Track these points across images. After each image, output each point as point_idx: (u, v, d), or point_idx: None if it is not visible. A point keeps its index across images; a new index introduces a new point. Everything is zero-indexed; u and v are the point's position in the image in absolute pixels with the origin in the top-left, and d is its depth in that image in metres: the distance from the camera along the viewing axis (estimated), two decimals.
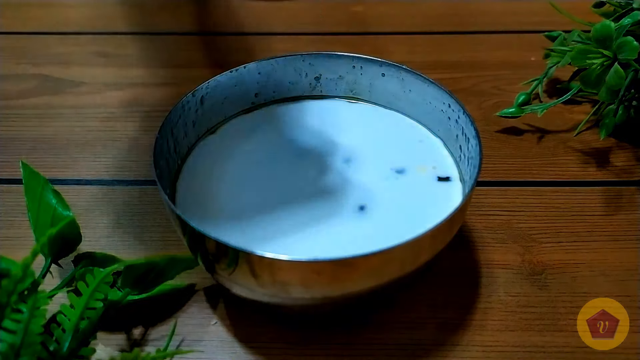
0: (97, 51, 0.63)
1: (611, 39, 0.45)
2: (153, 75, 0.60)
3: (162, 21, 0.68)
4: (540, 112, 0.52)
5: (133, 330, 0.40)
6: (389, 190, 0.41)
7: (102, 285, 0.36)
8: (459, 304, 0.41)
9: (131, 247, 0.45)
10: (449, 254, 0.43)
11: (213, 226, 0.39)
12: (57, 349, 0.34)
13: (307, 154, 0.44)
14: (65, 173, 0.50)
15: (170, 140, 0.41)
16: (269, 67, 0.46)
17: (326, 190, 0.41)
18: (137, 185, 0.49)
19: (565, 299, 0.41)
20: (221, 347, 0.39)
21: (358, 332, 0.40)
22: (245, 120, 0.46)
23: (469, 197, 0.37)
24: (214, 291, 0.42)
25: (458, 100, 0.42)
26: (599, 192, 0.48)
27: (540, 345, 0.39)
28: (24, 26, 0.67)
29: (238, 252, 0.34)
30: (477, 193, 0.47)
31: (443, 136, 0.44)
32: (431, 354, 0.39)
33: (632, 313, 0.40)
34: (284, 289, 0.35)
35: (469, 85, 0.58)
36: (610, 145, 0.52)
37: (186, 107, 0.43)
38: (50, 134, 0.54)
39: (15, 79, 0.60)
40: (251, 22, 0.67)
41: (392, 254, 0.34)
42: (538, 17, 0.65)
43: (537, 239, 0.45)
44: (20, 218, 0.45)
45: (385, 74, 0.45)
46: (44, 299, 0.34)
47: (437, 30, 0.66)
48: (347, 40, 0.65)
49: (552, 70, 0.53)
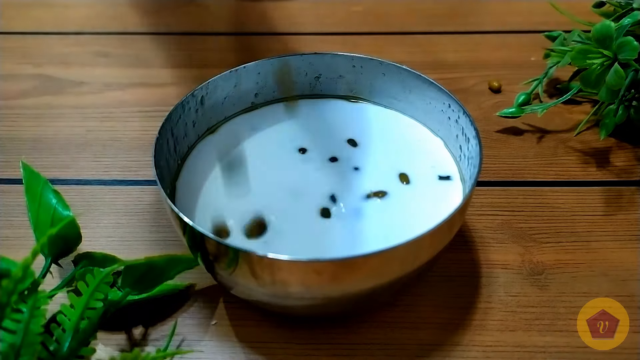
0: (97, 51, 0.63)
1: (611, 39, 0.45)
2: (153, 75, 0.60)
3: (162, 21, 0.68)
4: (540, 112, 0.52)
5: (133, 330, 0.40)
6: (389, 190, 0.41)
7: (102, 285, 0.36)
8: (459, 304, 0.41)
9: (131, 247, 0.45)
10: (449, 254, 0.43)
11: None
12: (57, 349, 0.34)
13: (307, 154, 0.44)
14: (65, 173, 0.50)
15: (170, 140, 0.41)
16: (269, 67, 0.46)
17: (326, 189, 0.41)
18: (137, 185, 0.49)
19: (565, 299, 0.41)
20: (221, 347, 0.39)
21: (358, 332, 0.40)
22: (245, 120, 0.46)
23: (469, 197, 0.37)
24: (214, 291, 0.42)
25: (458, 100, 0.42)
26: (599, 192, 0.48)
27: (540, 345, 0.39)
28: (24, 26, 0.67)
29: (238, 252, 0.34)
30: (477, 193, 0.47)
31: (443, 136, 0.44)
32: (431, 354, 0.39)
33: (632, 313, 0.40)
34: (284, 289, 0.35)
35: (469, 85, 0.58)
36: (610, 145, 0.52)
37: (186, 107, 0.43)
38: (50, 134, 0.54)
39: (15, 79, 0.60)
40: (251, 22, 0.67)
41: (392, 254, 0.34)
42: (538, 17, 0.65)
43: (537, 239, 0.45)
44: (20, 218, 0.45)
45: (385, 74, 0.45)
46: (44, 299, 0.34)
47: (437, 30, 0.66)
48: (347, 40, 0.65)
49: (552, 70, 0.53)
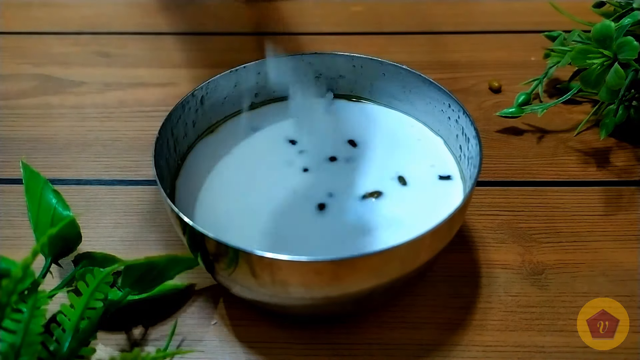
0: (97, 51, 0.63)
1: (611, 39, 0.45)
2: (153, 75, 0.60)
3: (162, 21, 0.68)
4: (540, 112, 0.52)
5: (133, 330, 0.40)
6: (390, 190, 0.41)
7: (102, 285, 0.36)
8: (459, 304, 0.41)
9: (131, 247, 0.45)
10: (449, 254, 0.43)
11: (213, 226, 0.39)
12: (57, 349, 0.34)
13: (307, 153, 0.44)
14: (65, 173, 0.50)
15: (170, 140, 0.41)
16: (268, 67, 0.46)
17: (326, 189, 0.41)
18: (137, 185, 0.49)
19: (565, 299, 0.41)
20: (221, 347, 0.39)
21: (358, 332, 0.40)
22: (245, 120, 0.46)
23: (469, 197, 0.37)
24: (214, 291, 0.42)
25: (458, 100, 0.42)
26: (599, 192, 0.48)
27: (540, 345, 0.39)
28: (24, 26, 0.67)
29: (238, 252, 0.34)
30: (477, 193, 0.47)
31: (443, 136, 0.44)
32: (431, 354, 0.39)
33: (632, 313, 0.40)
34: (284, 289, 0.35)
35: (469, 85, 0.58)
36: (610, 145, 0.52)
37: (186, 107, 0.43)
38: (50, 134, 0.54)
39: (15, 79, 0.60)
40: (251, 22, 0.67)
41: (392, 254, 0.34)
42: (538, 17, 0.65)
43: (537, 239, 0.45)
44: (20, 218, 0.45)
45: (385, 74, 0.45)
46: (44, 299, 0.34)
47: (437, 30, 0.66)
48: (347, 40, 0.65)
49: (552, 70, 0.53)
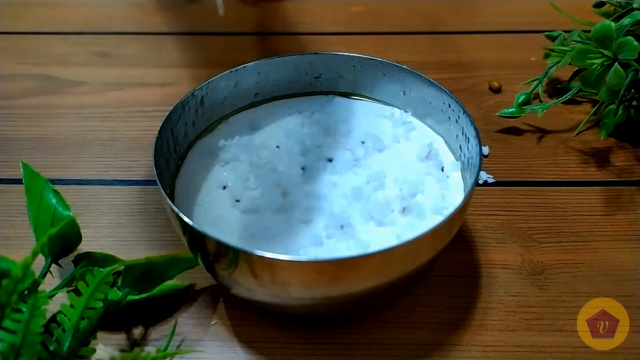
0: (97, 51, 0.63)
1: (611, 39, 0.45)
2: (153, 75, 0.60)
3: (162, 21, 0.68)
4: (540, 112, 0.52)
5: (133, 330, 0.40)
6: (390, 189, 0.41)
7: (102, 285, 0.36)
8: (459, 304, 0.41)
9: (131, 247, 0.45)
10: (449, 254, 0.43)
11: (213, 226, 0.39)
12: (57, 349, 0.34)
13: (308, 152, 0.44)
14: (65, 173, 0.50)
15: (170, 140, 0.41)
16: (268, 67, 0.46)
17: (326, 188, 0.41)
18: (137, 185, 0.49)
19: (565, 299, 0.41)
20: (221, 347, 0.39)
21: (358, 332, 0.40)
22: (245, 120, 0.46)
23: (469, 197, 0.37)
24: (214, 291, 0.42)
25: (458, 100, 0.41)
26: (599, 192, 0.48)
27: (540, 345, 0.39)
28: (24, 26, 0.67)
29: (238, 252, 0.34)
30: (477, 193, 0.47)
31: (443, 136, 0.44)
32: (431, 354, 0.39)
33: (632, 313, 0.40)
34: (284, 289, 0.35)
35: (469, 85, 0.58)
36: (610, 145, 0.52)
37: (186, 107, 0.43)
38: (50, 134, 0.54)
39: (15, 79, 0.60)
40: (251, 22, 0.67)
41: (392, 254, 0.34)
42: (538, 17, 0.65)
43: (537, 239, 0.45)
44: (20, 218, 0.45)
45: (386, 74, 0.45)
46: (44, 298, 0.34)
47: (437, 30, 0.66)
48: (347, 40, 0.65)
49: (552, 70, 0.53)
